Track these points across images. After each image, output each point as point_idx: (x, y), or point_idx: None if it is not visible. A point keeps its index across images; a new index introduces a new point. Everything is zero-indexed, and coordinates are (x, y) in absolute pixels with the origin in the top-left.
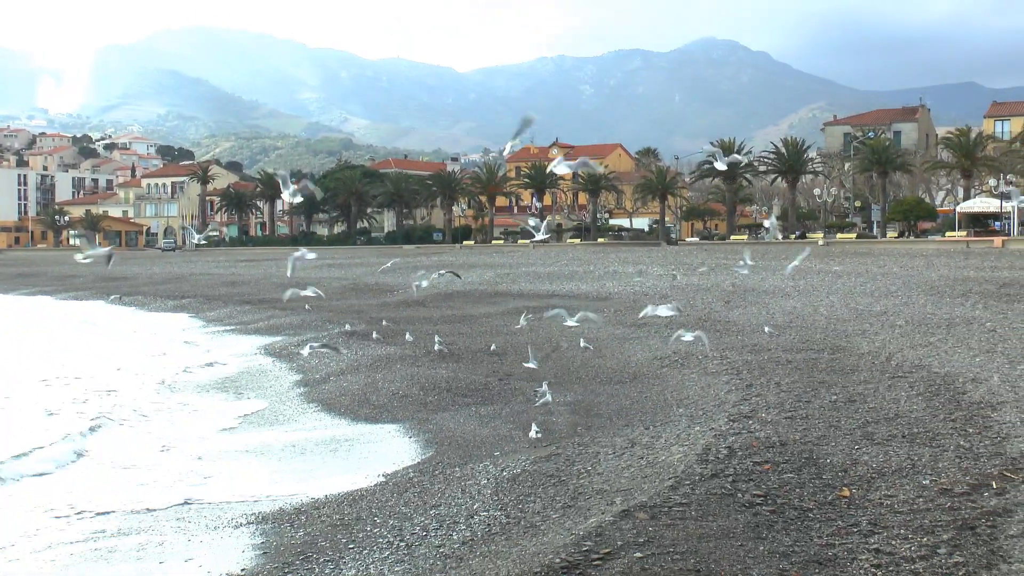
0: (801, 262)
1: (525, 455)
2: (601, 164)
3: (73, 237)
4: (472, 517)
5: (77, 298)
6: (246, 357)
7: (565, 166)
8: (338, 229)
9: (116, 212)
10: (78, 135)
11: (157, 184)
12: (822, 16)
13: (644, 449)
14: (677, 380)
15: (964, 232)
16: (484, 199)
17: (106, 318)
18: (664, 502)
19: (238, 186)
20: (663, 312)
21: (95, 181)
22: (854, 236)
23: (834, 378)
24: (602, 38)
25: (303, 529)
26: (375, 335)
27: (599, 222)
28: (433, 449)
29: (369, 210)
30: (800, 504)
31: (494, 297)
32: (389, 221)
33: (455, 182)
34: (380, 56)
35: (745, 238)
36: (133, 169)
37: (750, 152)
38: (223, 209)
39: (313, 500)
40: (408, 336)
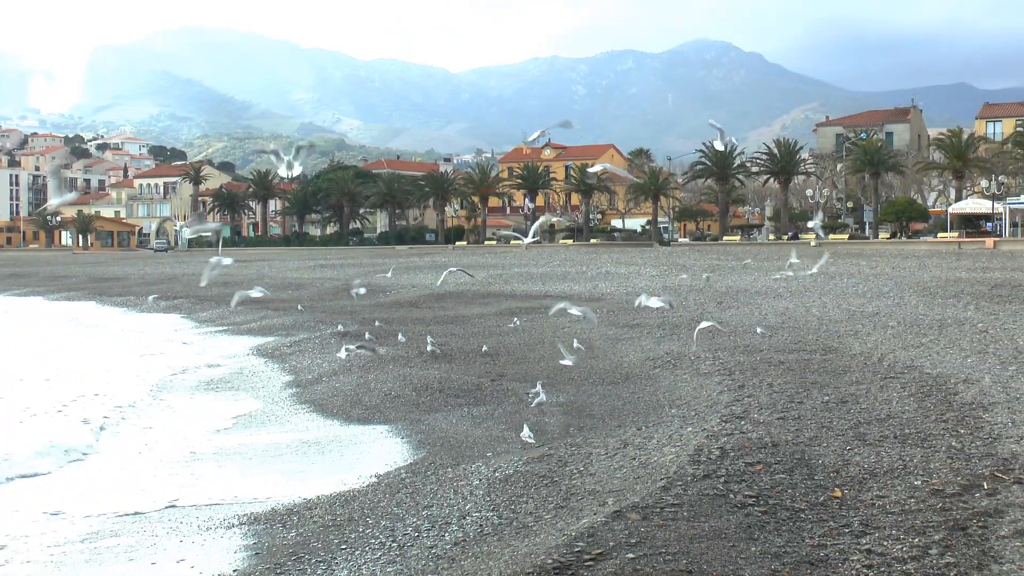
0: (820, 269)
1: (517, 456)
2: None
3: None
4: (464, 518)
5: (69, 299)
6: (238, 358)
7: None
8: (331, 230)
9: (108, 212)
10: (70, 135)
11: (149, 184)
12: (815, 17)
13: (636, 450)
14: (669, 381)
15: (956, 233)
16: (477, 200)
17: (98, 318)
18: (656, 503)
19: (231, 186)
20: (654, 304)
21: (87, 181)
22: (846, 237)
23: (826, 379)
24: (595, 39)
25: (295, 530)
26: (368, 336)
27: (592, 223)
28: (425, 450)
29: (362, 211)
30: (792, 505)
31: (486, 298)
32: (382, 222)
33: (448, 183)
34: (373, 56)
35: (738, 239)
36: (125, 169)
37: (743, 153)
38: (216, 209)
39: (305, 501)
40: (400, 337)
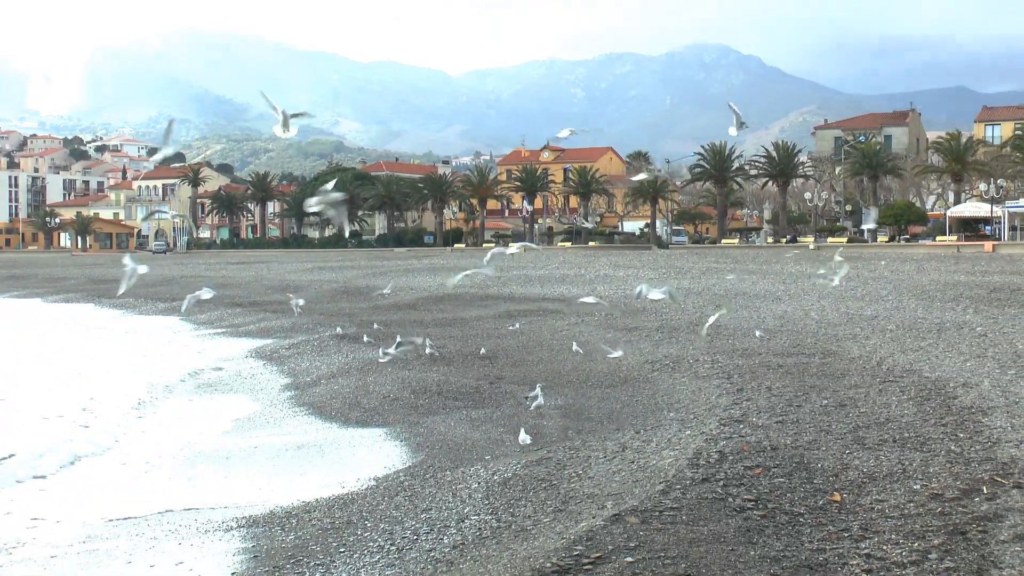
0: (840, 280)
1: (516, 459)
2: (596, 171)
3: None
4: (463, 521)
5: (67, 300)
6: (237, 360)
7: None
8: (329, 232)
9: (107, 214)
10: (69, 137)
11: (148, 186)
12: (813, 20)
13: (635, 453)
14: (668, 384)
15: (955, 236)
16: (475, 202)
17: (96, 320)
18: (655, 506)
19: (229, 188)
20: (655, 295)
21: (86, 183)
22: (845, 240)
23: (825, 382)
24: (593, 41)
25: (293, 533)
26: (366, 338)
27: (592, 227)
28: (424, 453)
29: (360, 213)
30: (791, 509)
31: (484, 300)
32: (380, 224)
33: (446, 185)
34: (372, 59)
35: (736, 242)
36: (124, 171)
37: (741, 156)
38: (214, 211)
39: (304, 504)
40: (399, 339)
